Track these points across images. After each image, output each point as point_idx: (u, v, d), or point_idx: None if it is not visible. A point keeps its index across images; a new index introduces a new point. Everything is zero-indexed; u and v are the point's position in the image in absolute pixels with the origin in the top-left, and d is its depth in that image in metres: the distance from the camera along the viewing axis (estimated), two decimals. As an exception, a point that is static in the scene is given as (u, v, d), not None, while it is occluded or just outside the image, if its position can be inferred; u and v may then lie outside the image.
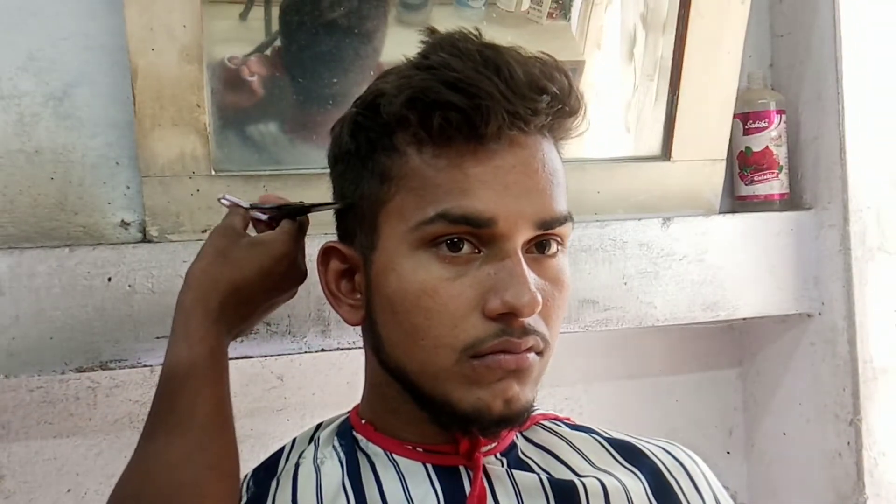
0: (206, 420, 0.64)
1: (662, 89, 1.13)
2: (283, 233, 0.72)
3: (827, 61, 1.16)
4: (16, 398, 0.98)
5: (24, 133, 0.92)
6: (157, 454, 0.63)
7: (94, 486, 1.00)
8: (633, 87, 1.13)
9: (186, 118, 0.91)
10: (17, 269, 0.85)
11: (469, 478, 0.64)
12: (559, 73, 0.61)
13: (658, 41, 1.11)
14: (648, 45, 1.11)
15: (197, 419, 0.64)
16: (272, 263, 0.70)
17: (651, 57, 1.12)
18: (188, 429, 0.64)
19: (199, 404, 0.64)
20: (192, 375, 0.65)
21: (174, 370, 0.65)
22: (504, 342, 0.58)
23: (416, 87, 0.58)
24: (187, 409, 0.64)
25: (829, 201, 1.18)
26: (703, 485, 0.70)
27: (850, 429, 1.16)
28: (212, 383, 0.66)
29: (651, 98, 1.13)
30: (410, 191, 0.60)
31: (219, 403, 0.66)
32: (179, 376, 0.65)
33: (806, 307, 1.20)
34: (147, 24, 0.87)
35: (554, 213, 0.60)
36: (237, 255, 0.69)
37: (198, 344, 0.66)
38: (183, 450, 0.63)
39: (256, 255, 0.69)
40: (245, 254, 0.69)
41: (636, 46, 1.11)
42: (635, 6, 1.10)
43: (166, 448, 0.63)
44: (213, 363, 0.66)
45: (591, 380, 1.25)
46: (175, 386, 0.65)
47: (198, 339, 0.66)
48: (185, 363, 0.65)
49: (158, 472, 0.62)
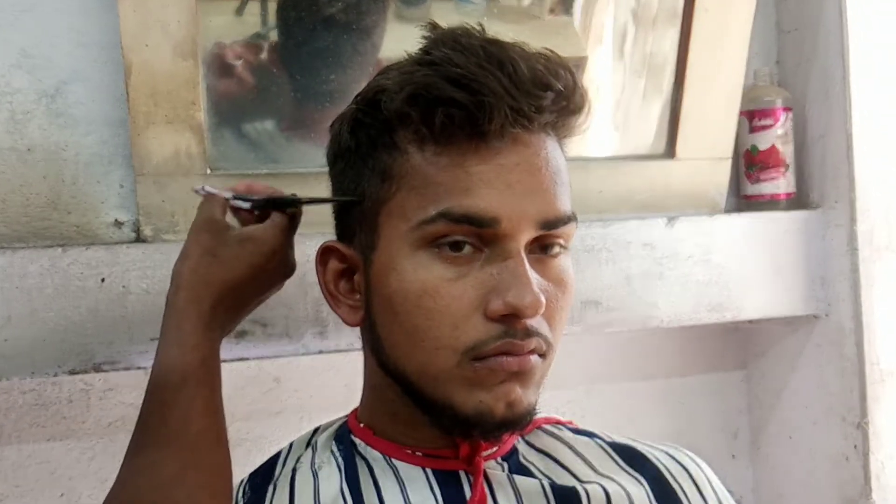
0: (200, 435, 0.62)
1: (652, 87, 1.11)
2: (274, 226, 0.69)
3: (834, 58, 1.16)
4: (8, 401, 0.97)
5: (16, 131, 0.91)
6: (147, 471, 0.61)
7: (88, 491, 0.99)
8: (622, 85, 1.11)
9: (181, 115, 0.90)
10: (8, 269, 0.84)
11: (469, 483, 0.64)
12: (564, 70, 0.60)
13: (648, 38, 1.10)
14: (638, 41, 1.10)
15: (190, 434, 0.62)
16: (264, 260, 0.67)
17: (640, 54, 1.10)
18: (181, 445, 0.61)
19: (192, 417, 0.62)
20: (185, 385, 0.62)
21: (165, 378, 0.63)
22: (506, 344, 0.58)
23: (418, 84, 0.58)
24: (180, 423, 0.62)
25: (836, 200, 1.17)
26: (707, 489, 0.70)
27: (857, 432, 1.16)
28: (205, 393, 0.63)
29: (639, 96, 1.12)
30: (411, 189, 0.59)
31: (212, 416, 0.64)
32: (171, 386, 0.63)
33: (813, 308, 1.19)
34: (141, 20, 0.86)
35: (557, 213, 0.60)
36: (227, 254, 0.66)
37: (191, 351, 0.63)
38: (174, 467, 0.60)
39: (247, 252, 0.67)
40: (235, 251, 0.67)
41: (625, 43, 1.10)
42: (626, 2, 1.08)
43: (157, 465, 0.61)
44: (207, 371, 0.64)
45: (593, 382, 1.24)
46: (167, 396, 0.63)
47: (191, 346, 0.64)
48: (178, 371, 0.63)
49: (148, 492, 0.60)
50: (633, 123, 1.14)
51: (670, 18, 1.09)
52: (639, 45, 1.10)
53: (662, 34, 1.10)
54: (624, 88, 1.12)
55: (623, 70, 1.11)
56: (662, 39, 1.10)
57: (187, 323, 0.64)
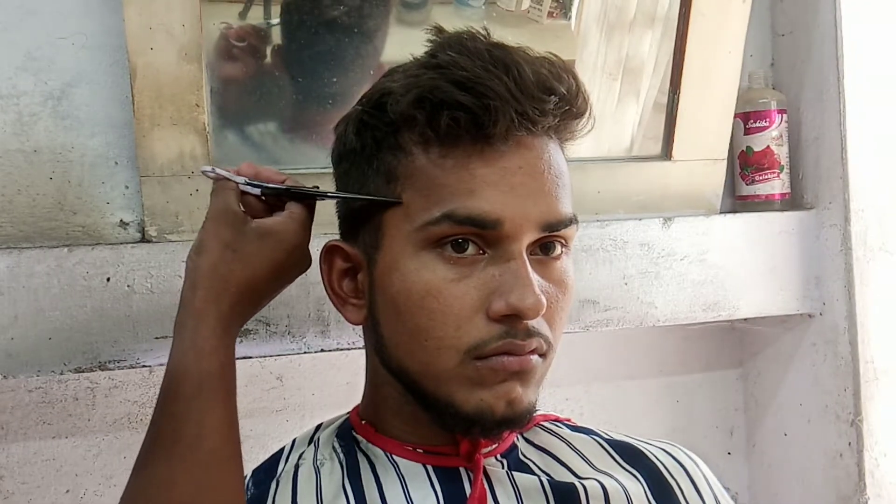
0: (215, 451, 0.59)
1: (626, 90, 1.11)
2: (293, 220, 0.65)
3: (828, 60, 1.16)
4: (14, 398, 0.97)
5: (22, 133, 0.92)
6: (158, 487, 0.57)
7: (93, 487, 0.99)
8: (596, 87, 1.10)
9: (185, 118, 0.90)
10: (15, 269, 0.85)
11: (469, 479, 0.64)
12: (567, 74, 0.61)
13: (623, 41, 1.09)
14: (612, 44, 1.10)
15: (204, 449, 0.58)
16: (284, 256, 0.64)
17: (615, 56, 1.10)
18: (194, 462, 0.58)
19: (206, 432, 0.58)
20: (200, 395, 0.59)
21: (180, 385, 0.59)
22: (507, 344, 0.58)
23: (424, 86, 0.58)
24: (194, 437, 0.58)
25: (830, 201, 1.18)
26: (704, 486, 0.70)
27: (851, 429, 1.16)
28: (220, 405, 0.60)
29: (613, 98, 1.12)
30: (416, 191, 0.60)
31: (228, 430, 0.60)
32: (185, 396, 0.59)
33: (807, 307, 1.19)
34: (146, 24, 0.87)
35: (559, 216, 0.60)
36: (248, 249, 0.62)
37: (208, 357, 0.60)
38: (189, 489, 0.57)
39: (268, 248, 0.63)
40: (256, 247, 0.63)
41: (598, 46, 1.10)
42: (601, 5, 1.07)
43: (169, 481, 0.57)
44: (223, 379, 0.61)
45: (591, 380, 1.24)
46: (180, 407, 0.59)
47: (209, 351, 0.60)
48: (193, 379, 0.59)
49: None
50: (630, 125, 1.14)
51: (633, 23, 1.09)
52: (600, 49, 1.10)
53: (624, 39, 1.09)
54: (620, 90, 1.13)
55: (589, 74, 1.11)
56: (624, 44, 1.09)
57: (205, 326, 0.60)
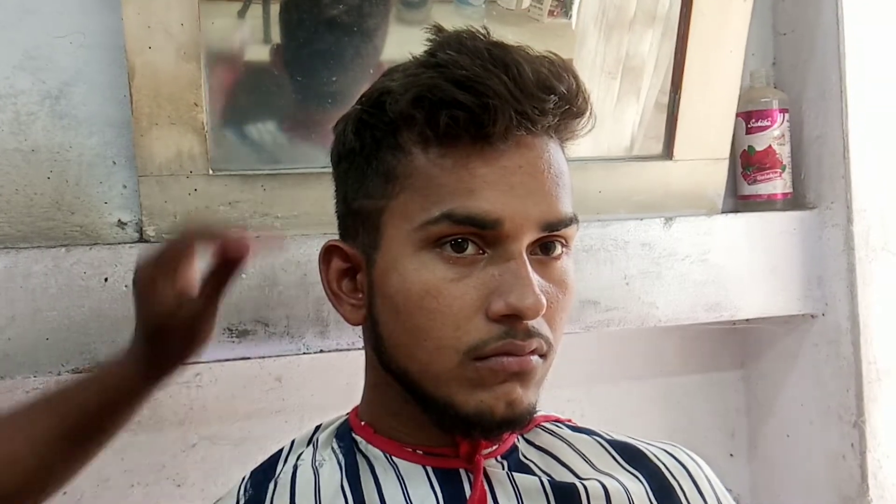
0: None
1: (627, 89, 1.11)
2: None
3: (830, 59, 1.16)
4: (11, 399, 0.95)
5: (20, 132, 0.92)
6: None
7: (90, 490, 0.98)
8: (597, 86, 1.11)
9: (184, 117, 0.90)
10: (12, 269, 0.85)
11: (469, 481, 0.64)
12: (567, 73, 0.60)
13: (623, 40, 1.09)
14: (613, 43, 1.09)
15: None
16: None
17: (615, 55, 1.10)
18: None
19: None
20: None
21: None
22: (507, 344, 0.58)
23: (424, 86, 0.58)
24: None
25: (832, 201, 1.18)
26: (706, 487, 0.70)
27: (853, 430, 1.16)
28: None
29: (614, 97, 1.11)
30: (415, 190, 0.59)
31: None
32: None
33: (809, 308, 1.19)
34: (144, 22, 0.87)
35: (559, 215, 0.60)
36: None
37: None
38: None
39: None
40: None
41: (598, 45, 1.10)
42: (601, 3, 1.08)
43: None
44: None
45: (592, 381, 1.24)
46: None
47: None
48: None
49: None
50: (630, 124, 1.14)
51: (633, 22, 1.09)
52: (599, 48, 1.10)
53: (623, 37, 1.09)
54: (621, 89, 1.13)
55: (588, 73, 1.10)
56: (623, 42, 1.09)
57: None
